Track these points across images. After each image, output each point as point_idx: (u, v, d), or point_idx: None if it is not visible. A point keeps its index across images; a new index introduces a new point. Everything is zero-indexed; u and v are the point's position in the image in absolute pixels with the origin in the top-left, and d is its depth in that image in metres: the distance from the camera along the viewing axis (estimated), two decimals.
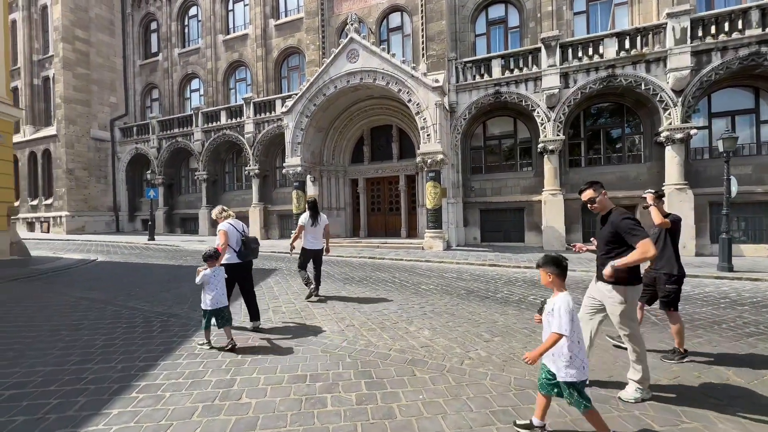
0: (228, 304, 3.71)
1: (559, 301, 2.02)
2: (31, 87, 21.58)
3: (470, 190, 14.09)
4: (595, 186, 2.78)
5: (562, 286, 2.12)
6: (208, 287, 3.57)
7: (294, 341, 3.74)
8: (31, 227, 21.41)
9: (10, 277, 6.89)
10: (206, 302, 3.55)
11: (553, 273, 2.13)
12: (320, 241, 5.72)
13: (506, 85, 12.72)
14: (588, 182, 2.85)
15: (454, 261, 9.77)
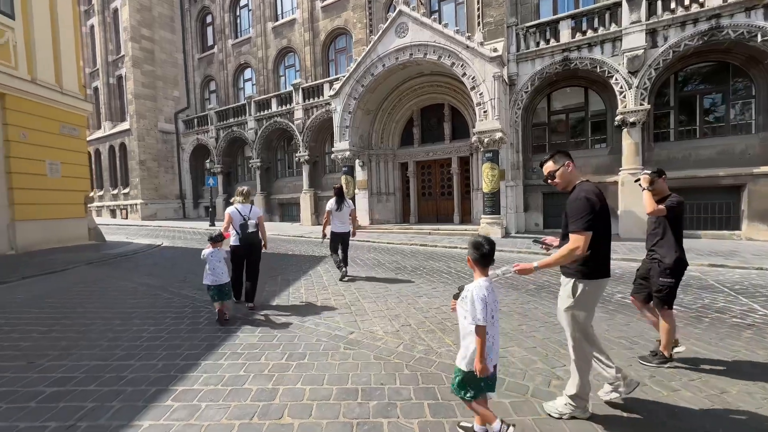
0: (228, 281, 4.08)
1: (474, 288, 1.88)
2: (107, 86, 23.60)
3: (531, 171, 12.79)
4: (556, 156, 2.29)
5: (481, 272, 1.96)
6: (208, 265, 4.01)
7: (343, 343, 3.31)
8: (113, 214, 23.80)
9: (85, 261, 7.38)
10: (207, 278, 3.98)
11: (471, 257, 1.98)
12: (346, 225, 6.19)
13: (577, 49, 11.13)
14: (552, 152, 2.37)
15: (515, 249, 8.85)
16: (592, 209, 2.03)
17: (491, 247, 1.96)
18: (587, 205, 2.04)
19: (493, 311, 1.87)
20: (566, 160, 2.26)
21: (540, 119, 13.01)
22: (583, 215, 2.03)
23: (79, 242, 9.28)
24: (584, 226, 2.02)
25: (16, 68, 8.03)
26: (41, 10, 8.62)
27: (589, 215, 2.02)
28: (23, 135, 8.07)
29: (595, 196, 2.09)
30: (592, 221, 2.02)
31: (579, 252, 2.01)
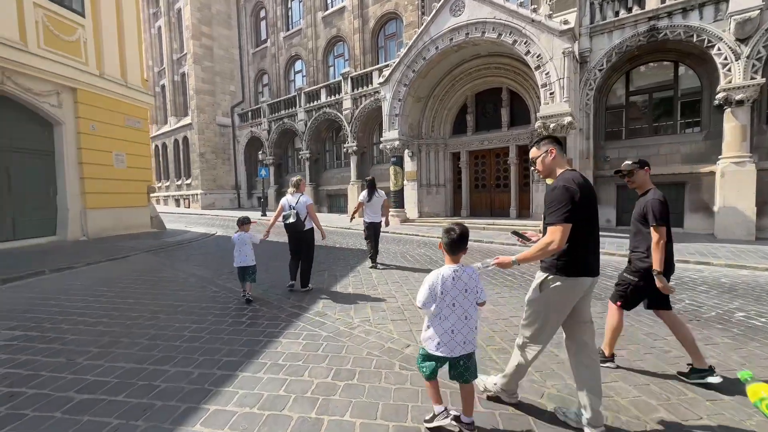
0: (252, 265, 4.39)
1: (433, 272, 1.94)
2: (173, 83, 25.18)
3: (603, 160, 11.32)
4: (541, 142, 2.16)
5: (449, 259, 1.96)
6: (236, 248, 4.36)
7: (399, 360, 2.80)
8: (177, 203, 25.57)
9: (145, 248, 7.67)
10: (235, 260, 4.34)
11: (442, 242, 1.98)
12: (378, 215, 6.43)
13: (667, 16, 9.49)
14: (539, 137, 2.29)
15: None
16: (571, 199, 1.88)
17: (460, 235, 1.93)
18: (565, 195, 1.89)
19: (454, 299, 1.88)
20: (550, 147, 2.11)
21: (616, 101, 11.44)
22: (559, 206, 1.88)
23: (142, 230, 9.80)
24: (561, 217, 1.87)
25: (87, 63, 8.52)
26: (108, 8, 9.06)
27: (567, 206, 1.87)
28: (93, 127, 8.59)
29: (576, 185, 1.92)
30: (570, 212, 1.87)
31: (554, 246, 1.85)
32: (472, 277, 1.92)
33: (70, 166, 8.25)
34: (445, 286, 1.86)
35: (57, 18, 7.91)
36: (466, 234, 1.95)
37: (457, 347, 1.87)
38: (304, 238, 4.82)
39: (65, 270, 5.81)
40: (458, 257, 1.95)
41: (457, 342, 1.87)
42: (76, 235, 8.30)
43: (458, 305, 1.87)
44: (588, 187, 1.99)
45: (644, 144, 10.76)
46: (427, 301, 1.88)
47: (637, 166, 2.82)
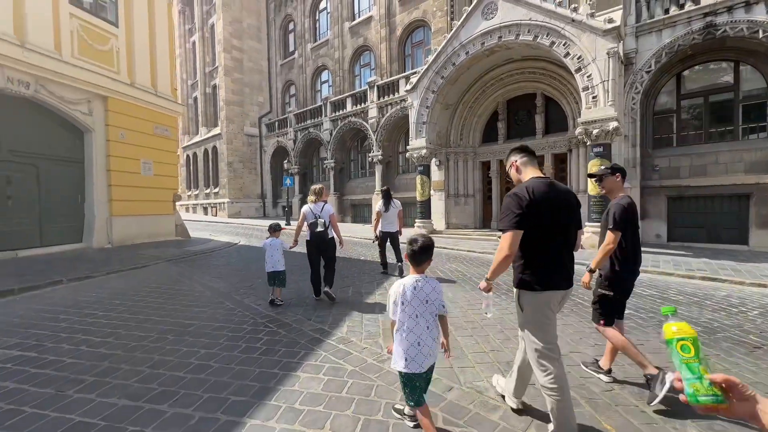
0: (282, 270, 4.55)
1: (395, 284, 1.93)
2: (204, 95, 25.98)
3: (652, 170, 10.36)
4: (511, 154, 2.19)
5: (413, 269, 1.96)
6: (267, 253, 4.53)
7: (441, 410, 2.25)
8: (205, 211, 26.09)
9: (167, 257, 7.50)
10: (266, 265, 4.50)
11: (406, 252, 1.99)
12: (394, 225, 6.53)
13: (726, 12, 8.61)
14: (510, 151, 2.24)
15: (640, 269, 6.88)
16: (519, 206, 1.86)
17: (421, 246, 1.93)
18: (514, 202, 1.89)
19: (416, 309, 1.86)
20: (511, 159, 2.18)
21: (665, 105, 10.51)
22: (508, 213, 1.90)
23: (167, 238, 9.76)
24: (508, 224, 1.87)
25: (118, 72, 8.65)
26: (141, 19, 9.23)
27: (515, 212, 1.86)
28: (122, 135, 8.66)
29: (531, 192, 1.89)
30: (518, 218, 1.85)
31: (505, 252, 1.85)
32: (435, 290, 1.91)
33: (99, 174, 8.31)
34: (405, 297, 1.87)
35: (91, 28, 8.08)
36: (430, 245, 1.95)
37: (425, 360, 1.86)
38: (329, 247, 4.83)
39: (84, 279, 5.65)
40: (423, 268, 1.94)
41: (425, 354, 1.86)
42: (102, 242, 8.30)
43: (421, 316, 1.87)
44: (549, 193, 1.92)
45: (699, 152, 9.76)
46: (391, 310, 1.91)
47: (608, 171, 2.76)
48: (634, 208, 2.59)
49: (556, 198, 1.94)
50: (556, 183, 2.04)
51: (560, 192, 1.99)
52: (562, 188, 2.04)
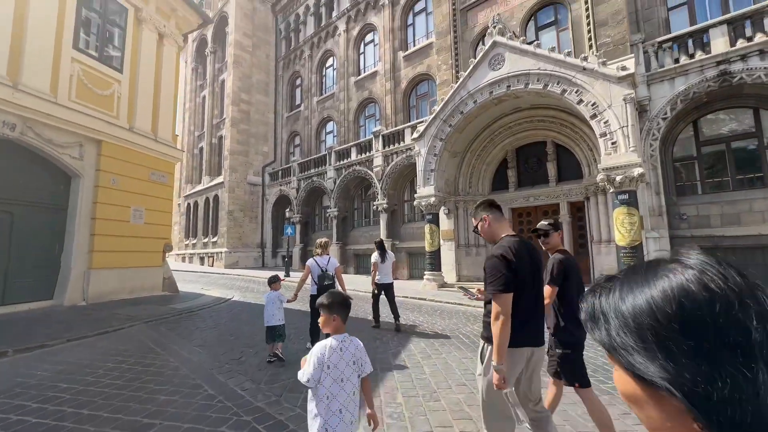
0: (281, 324, 4.39)
1: (317, 345, 1.78)
2: (210, 145, 26.27)
3: (679, 219, 9.68)
4: (477, 211, 2.17)
5: (330, 329, 1.82)
6: (266, 307, 4.42)
7: None
8: (201, 261, 25.09)
9: (146, 318, 6.50)
10: (265, 319, 4.37)
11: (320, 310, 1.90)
12: (389, 276, 6.51)
13: (740, 60, 8.48)
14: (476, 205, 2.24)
15: None
16: (508, 267, 1.87)
17: (333, 301, 1.83)
18: (501, 264, 1.88)
19: (342, 372, 1.74)
20: (482, 214, 2.14)
21: (684, 152, 10.12)
22: (498, 275, 1.87)
23: (152, 293, 8.77)
24: (498, 288, 1.86)
25: (117, 117, 8.32)
26: (148, 65, 9.16)
27: (505, 275, 1.86)
28: (113, 181, 8.10)
29: (513, 251, 1.91)
30: (508, 281, 1.85)
31: (504, 317, 1.81)
32: (359, 348, 1.83)
33: (82, 222, 7.58)
34: (332, 360, 1.73)
35: (93, 73, 7.89)
36: (345, 301, 1.87)
37: (347, 428, 1.70)
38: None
39: (36, 349, 4.63)
40: (343, 327, 1.84)
41: (347, 423, 1.70)
42: (75, 299, 7.32)
43: (347, 380, 1.75)
44: (524, 251, 1.96)
45: (729, 199, 9.15)
46: (314, 376, 1.69)
47: (552, 228, 2.82)
48: (573, 262, 2.68)
49: (530, 256, 1.97)
50: (528, 242, 2.07)
51: (532, 250, 2.02)
52: (533, 247, 2.06)
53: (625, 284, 0.50)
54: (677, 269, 0.46)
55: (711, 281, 0.44)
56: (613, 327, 0.48)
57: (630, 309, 0.47)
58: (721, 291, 0.43)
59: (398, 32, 18.05)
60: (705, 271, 0.45)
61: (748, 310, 0.41)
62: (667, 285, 0.45)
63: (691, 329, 0.42)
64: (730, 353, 0.40)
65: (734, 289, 0.42)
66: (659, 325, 0.43)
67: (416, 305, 9.20)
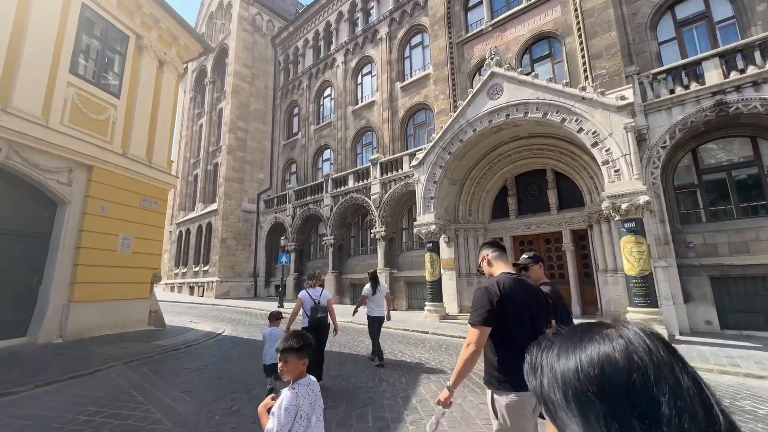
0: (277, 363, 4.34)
1: (285, 395, 1.64)
2: (205, 172, 26.07)
3: (686, 247, 9.50)
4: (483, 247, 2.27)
5: (297, 374, 1.69)
6: (267, 343, 4.32)
7: None
8: (191, 291, 24.18)
9: (127, 357, 5.92)
10: (265, 357, 4.31)
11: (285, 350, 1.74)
12: (382, 309, 6.25)
13: (735, 91, 8.62)
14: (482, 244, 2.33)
15: (705, 365, 5.59)
16: (490, 302, 1.88)
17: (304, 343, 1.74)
18: (483, 297, 1.91)
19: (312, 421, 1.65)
20: (483, 252, 2.24)
21: (685, 180, 10.11)
22: (478, 307, 1.90)
23: (136, 327, 8.14)
24: (476, 319, 1.87)
25: (111, 142, 8.05)
26: (146, 92, 9.03)
27: (485, 307, 1.87)
28: (102, 208, 7.70)
29: (501, 287, 1.93)
30: (488, 314, 1.85)
31: (472, 348, 1.82)
32: (318, 389, 1.77)
33: (65, 251, 7.09)
34: (304, 408, 1.62)
35: (89, 97, 7.69)
36: (311, 342, 1.79)
37: None
38: (325, 333, 4.79)
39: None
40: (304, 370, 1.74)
41: None
42: (51, 336, 6.70)
43: (318, 420, 1.70)
44: (518, 289, 1.97)
45: (735, 227, 9.02)
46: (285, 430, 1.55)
47: (531, 261, 2.91)
48: (558, 294, 2.81)
49: (524, 294, 1.97)
50: (524, 279, 2.11)
51: (529, 288, 2.05)
52: (531, 284, 2.11)
53: (564, 342, 0.53)
54: (611, 336, 0.50)
55: (635, 352, 0.47)
56: (546, 381, 0.51)
57: (561, 367, 0.50)
58: (641, 362, 0.46)
59: (395, 64, 18.51)
60: (633, 341, 0.48)
61: (663, 384, 0.44)
62: (595, 350, 0.49)
63: (606, 394, 0.45)
64: (639, 422, 0.42)
65: (655, 362, 0.46)
66: (580, 386, 0.47)
67: (419, 339, 8.69)
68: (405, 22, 18.34)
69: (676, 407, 0.42)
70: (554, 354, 0.53)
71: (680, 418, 0.41)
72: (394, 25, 18.76)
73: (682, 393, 0.43)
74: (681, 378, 0.44)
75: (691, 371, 0.46)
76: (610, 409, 0.43)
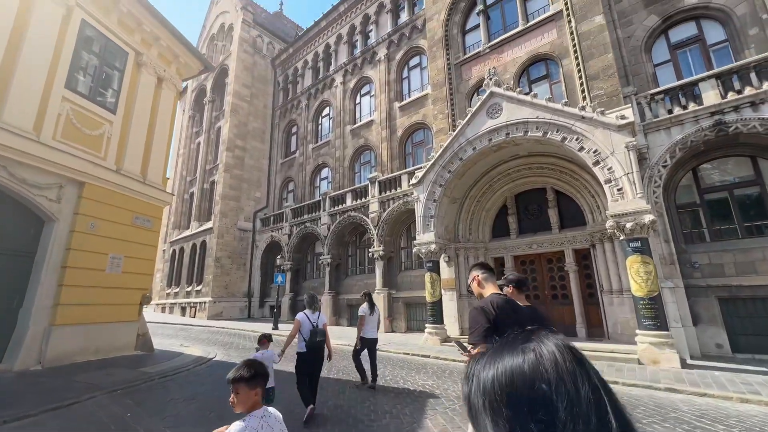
0: (273, 386, 4.05)
1: (233, 428, 1.53)
2: (201, 190, 25.84)
3: (691, 267, 9.32)
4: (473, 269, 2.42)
5: (249, 405, 1.59)
6: None
7: None
8: (183, 312, 23.47)
9: (111, 386, 5.50)
10: None
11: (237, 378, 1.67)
12: (376, 330, 6.14)
13: (734, 111, 8.68)
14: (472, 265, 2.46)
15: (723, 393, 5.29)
16: (487, 320, 1.98)
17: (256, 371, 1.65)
18: (480, 316, 2.00)
19: None
20: (473, 274, 2.35)
21: (686, 199, 10.04)
22: (477, 327, 1.99)
23: (122, 352, 7.67)
24: (477, 338, 1.97)
25: (105, 159, 7.83)
26: (143, 108, 8.90)
27: (483, 326, 1.97)
28: (92, 226, 7.40)
29: (494, 307, 2.02)
30: (486, 333, 1.94)
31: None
32: (279, 420, 1.67)
33: (50, 271, 6.72)
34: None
35: (84, 113, 7.52)
36: (266, 370, 1.73)
37: None
38: (321, 358, 4.74)
39: None
40: (261, 401, 1.66)
41: None
42: (29, 363, 6.22)
43: None
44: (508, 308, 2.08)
45: (740, 247, 8.89)
46: None
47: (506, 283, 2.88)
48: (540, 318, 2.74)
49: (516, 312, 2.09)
50: (512, 300, 2.24)
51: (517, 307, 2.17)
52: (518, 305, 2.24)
53: (491, 354, 0.58)
54: (525, 349, 0.55)
55: (542, 364, 0.52)
56: (473, 388, 0.56)
57: (483, 376, 0.55)
58: (545, 373, 0.51)
59: (394, 84, 18.73)
60: (543, 354, 0.53)
61: (563, 393, 0.49)
62: (510, 362, 0.54)
63: (512, 401, 0.50)
64: (536, 425, 0.48)
65: (559, 373, 0.51)
66: (494, 393, 0.52)
67: (421, 364, 8.30)
68: (403, 44, 18.70)
69: (571, 413, 0.47)
70: (482, 364, 0.57)
71: (574, 423, 0.47)
72: (393, 47, 19.11)
73: (580, 401, 0.48)
74: (581, 387, 0.49)
75: (593, 382, 0.51)
76: (514, 414, 0.49)
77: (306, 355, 4.51)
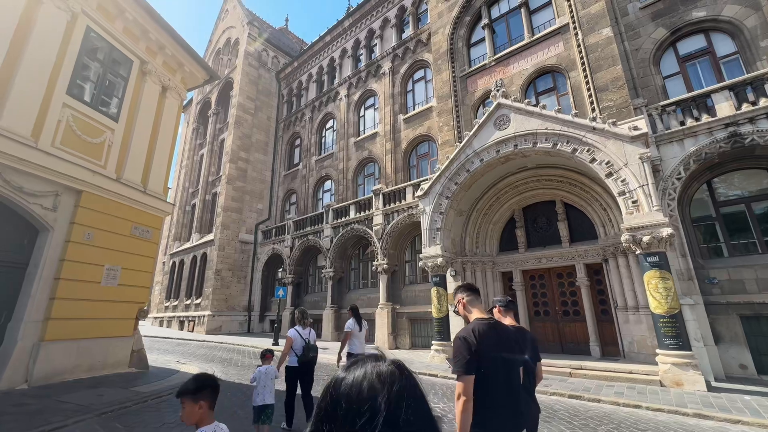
0: (273, 403, 4.01)
1: None
2: (203, 202, 25.66)
3: (710, 283, 8.96)
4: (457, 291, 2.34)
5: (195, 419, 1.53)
6: (259, 383, 4.00)
7: None
8: (181, 325, 22.94)
9: (101, 408, 5.12)
10: (256, 398, 3.97)
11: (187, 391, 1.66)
12: (364, 346, 5.99)
13: (749, 122, 8.48)
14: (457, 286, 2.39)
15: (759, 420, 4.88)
16: (468, 350, 1.93)
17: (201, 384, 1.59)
18: (463, 346, 1.95)
19: None
20: (458, 296, 2.27)
21: (701, 212, 9.74)
22: (458, 357, 1.95)
23: (115, 370, 7.27)
24: (458, 369, 1.93)
25: (105, 167, 7.62)
26: (146, 116, 8.75)
27: (465, 357, 1.93)
28: (88, 236, 7.12)
29: (477, 334, 1.97)
30: (468, 363, 1.91)
31: (464, 398, 1.85)
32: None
33: (42, 283, 6.41)
34: None
35: (85, 120, 7.35)
36: (215, 383, 1.66)
37: None
38: (312, 373, 4.80)
39: None
40: (211, 415, 1.60)
41: None
42: (15, 381, 5.83)
43: None
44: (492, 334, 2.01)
45: (762, 262, 8.55)
46: None
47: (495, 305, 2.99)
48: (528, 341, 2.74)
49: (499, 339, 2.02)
50: (498, 324, 2.17)
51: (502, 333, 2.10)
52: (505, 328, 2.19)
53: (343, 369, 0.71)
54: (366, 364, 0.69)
55: (364, 376, 0.65)
56: (324, 400, 0.67)
57: (327, 388, 0.69)
58: (361, 384, 0.64)
59: (398, 97, 18.72)
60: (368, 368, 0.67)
61: (376, 401, 0.62)
62: (342, 374, 0.68)
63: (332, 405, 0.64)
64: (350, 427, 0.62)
65: (375, 383, 0.64)
66: (325, 401, 0.66)
67: (428, 384, 7.86)
68: (408, 57, 18.77)
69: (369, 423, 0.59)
70: (333, 378, 0.69)
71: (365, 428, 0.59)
72: (397, 60, 19.19)
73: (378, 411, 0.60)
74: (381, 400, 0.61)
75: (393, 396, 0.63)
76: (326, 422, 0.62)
77: (298, 369, 4.60)
